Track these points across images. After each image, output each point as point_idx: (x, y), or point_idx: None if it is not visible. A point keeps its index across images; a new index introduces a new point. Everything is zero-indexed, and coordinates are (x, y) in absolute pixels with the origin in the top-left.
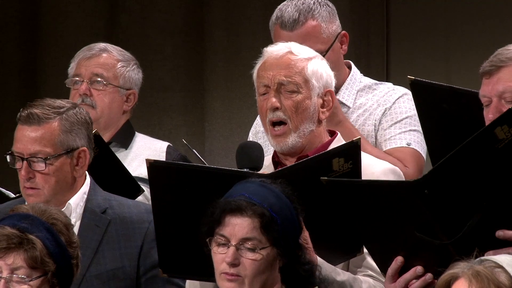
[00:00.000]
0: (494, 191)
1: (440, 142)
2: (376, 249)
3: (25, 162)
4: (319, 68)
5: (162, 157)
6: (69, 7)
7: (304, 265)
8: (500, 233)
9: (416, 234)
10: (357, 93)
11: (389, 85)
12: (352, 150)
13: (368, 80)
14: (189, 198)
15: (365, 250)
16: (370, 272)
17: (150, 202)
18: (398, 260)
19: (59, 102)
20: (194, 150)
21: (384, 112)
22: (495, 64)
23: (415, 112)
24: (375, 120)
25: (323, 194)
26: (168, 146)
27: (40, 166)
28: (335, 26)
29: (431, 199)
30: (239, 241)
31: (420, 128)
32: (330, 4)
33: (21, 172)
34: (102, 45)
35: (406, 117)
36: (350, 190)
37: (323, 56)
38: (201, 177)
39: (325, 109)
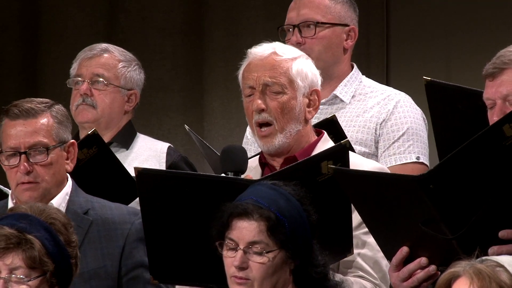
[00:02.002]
0: (500, 188)
1: (452, 143)
2: (381, 238)
3: (23, 156)
4: (304, 68)
5: (162, 157)
6: (69, 7)
7: (316, 268)
8: (503, 233)
9: (421, 227)
10: (355, 91)
11: (388, 91)
12: (340, 153)
13: (369, 82)
14: (178, 205)
15: (355, 250)
16: (360, 273)
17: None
18: (404, 250)
19: (40, 99)
20: (198, 136)
21: (382, 123)
22: (498, 66)
23: (414, 117)
24: (376, 125)
25: (313, 197)
26: (169, 147)
27: (41, 157)
28: (344, 12)
29: (436, 194)
30: (246, 245)
31: (421, 131)
32: (353, 1)
33: (20, 167)
34: (103, 45)
35: (408, 128)
36: (357, 180)
37: (316, 27)
38: (189, 184)
39: (311, 109)
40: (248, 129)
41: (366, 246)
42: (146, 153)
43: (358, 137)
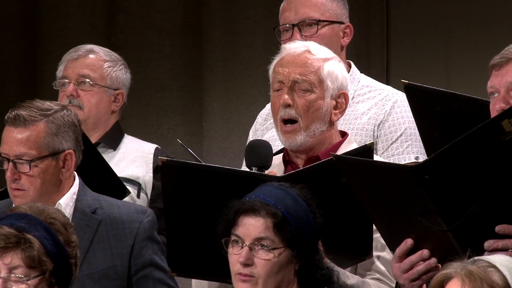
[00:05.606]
0: (498, 182)
1: (436, 143)
2: (383, 229)
3: (10, 163)
4: (335, 69)
5: (149, 158)
6: (69, 7)
7: (321, 270)
8: (500, 228)
9: (418, 218)
10: (354, 92)
11: (385, 91)
12: (364, 155)
13: (367, 81)
14: (200, 198)
15: (374, 253)
16: (378, 276)
17: (136, 203)
18: (408, 242)
19: (47, 104)
20: (189, 149)
21: (380, 125)
22: (505, 57)
23: (412, 117)
24: (374, 127)
25: (334, 197)
26: (156, 148)
27: (25, 168)
28: (339, 10)
29: (431, 185)
30: (252, 241)
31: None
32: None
33: (7, 173)
34: (88, 46)
35: (406, 128)
36: (357, 169)
37: (316, 25)
38: (211, 178)
39: (337, 111)
40: (252, 128)
41: (384, 249)
42: (133, 154)
43: (357, 140)
